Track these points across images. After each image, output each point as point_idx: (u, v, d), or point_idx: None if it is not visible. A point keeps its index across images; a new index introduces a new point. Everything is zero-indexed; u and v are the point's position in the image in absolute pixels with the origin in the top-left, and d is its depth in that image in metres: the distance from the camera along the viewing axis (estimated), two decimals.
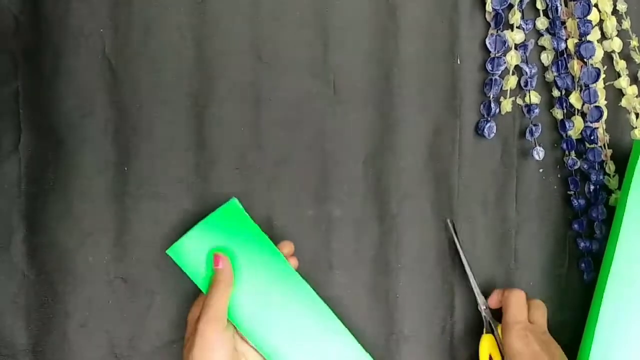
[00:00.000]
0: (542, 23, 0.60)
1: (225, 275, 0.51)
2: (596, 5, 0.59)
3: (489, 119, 0.60)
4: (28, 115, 0.55)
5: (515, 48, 0.59)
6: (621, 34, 0.60)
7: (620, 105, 0.61)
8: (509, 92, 0.60)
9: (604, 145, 0.61)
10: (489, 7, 0.59)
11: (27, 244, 0.55)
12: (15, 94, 0.55)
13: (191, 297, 0.57)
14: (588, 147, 0.60)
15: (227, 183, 0.57)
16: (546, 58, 0.60)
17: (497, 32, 0.59)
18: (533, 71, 0.60)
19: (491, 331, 0.59)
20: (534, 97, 0.60)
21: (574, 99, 0.60)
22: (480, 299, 0.59)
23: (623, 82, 0.60)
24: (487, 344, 0.58)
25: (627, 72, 0.61)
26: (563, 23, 0.59)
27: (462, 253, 0.59)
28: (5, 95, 0.55)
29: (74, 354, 0.56)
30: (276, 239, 0.54)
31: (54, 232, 0.55)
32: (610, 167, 0.61)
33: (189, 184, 0.57)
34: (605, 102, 0.60)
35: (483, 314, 0.59)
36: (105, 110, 0.56)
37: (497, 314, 0.59)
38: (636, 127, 0.61)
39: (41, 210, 0.55)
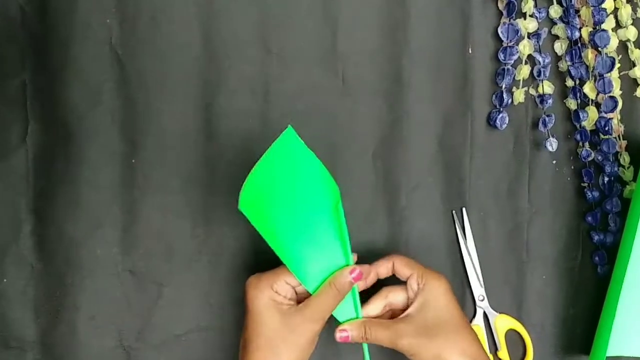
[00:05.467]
0: (555, 11, 0.59)
1: (348, 290, 0.50)
2: None
3: (501, 109, 0.59)
4: (35, 107, 0.55)
5: (528, 37, 0.59)
6: (636, 22, 0.59)
7: (636, 95, 0.60)
8: (521, 82, 0.59)
9: (619, 136, 0.60)
10: None
11: (36, 236, 0.55)
12: (22, 85, 0.55)
13: (198, 290, 0.57)
14: (602, 138, 0.59)
15: (234, 175, 0.57)
16: (560, 47, 0.60)
17: (509, 20, 0.58)
18: (546, 60, 0.59)
19: (486, 322, 0.59)
20: (547, 87, 0.59)
21: (588, 89, 0.59)
22: (478, 290, 0.59)
23: (638, 71, 0.60)
24: None
25: None
26: (577, 11, 0.58)
27: (462, 243, 0.59)
28: (13, 87, 0.55)
29: (83, 346, 0.56)
30: None
31: (62, 224, 0.56)
32: (625, 158, 0.60)
33: (197, 175, 0.56)
34: (620, 92, 0.59)
35: (478, 304, 0.59)
36: (113, 101, 0.56)
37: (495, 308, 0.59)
38: None
39: (49, 203, 0.55)
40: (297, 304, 0.50)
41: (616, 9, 0.59)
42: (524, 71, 0.59)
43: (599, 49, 0.57)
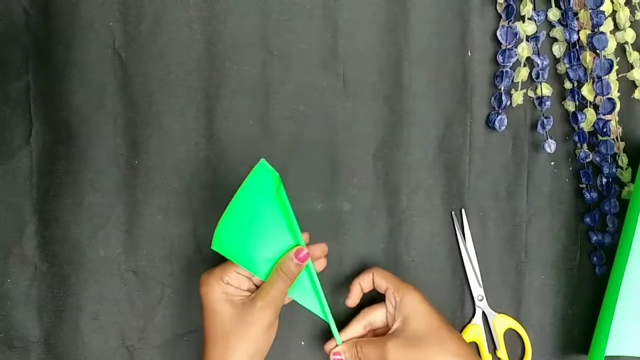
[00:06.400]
0: (553, 14, 0.59)
1: (298, 272, 0.50)
2: None
3: (500, 111, 0.59)
4: (39, 109, 0.55)
5: (527, 40, 0.59)
6: (634, 24, 0.60)
7: (633, 97, 0.61)
8: (520, 84, 0.60)
9: (617, 137, 0.60)
10: None
11: (39, 237, 0.56)
12: (26, 87, 0.55)
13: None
14: (600, 140, 0.60)
15: (236, 176, 0.57)
16: (558, 50, 0.60)
17: (508, 23, 0.58)
18: (545, 63, 0.59)
19: (485, 322, 0.60)
20: (546, 89, 0.60)
21: (586, 91, 0.59)
22: (477, 290, 0.59)
23: (636, 73, 0.60)
24: (472, 333, 0.60)
25: None
26: (575, 14, 0.59)
27: (461, 243, 0.59)
28: (17, 89, 0.55)
29: (86, 347, 0.56)
30: None
31: (65, 225, 0.56)
32: (623, 159, 0.60)
33: (199, 177, 0.57)
34: (618, 94, 0.60)
35: (477, 304, 0.59)
36: (116, 103, 0.56)
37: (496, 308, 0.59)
38: None
39: (53, 204, 0.56)
40: None
41: (614, 12, 0.59)
42: (523, 73, 0.59)
43: (597, 51, 0.57)
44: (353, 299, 0.54)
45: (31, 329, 0.56)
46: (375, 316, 0.53)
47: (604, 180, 0.60)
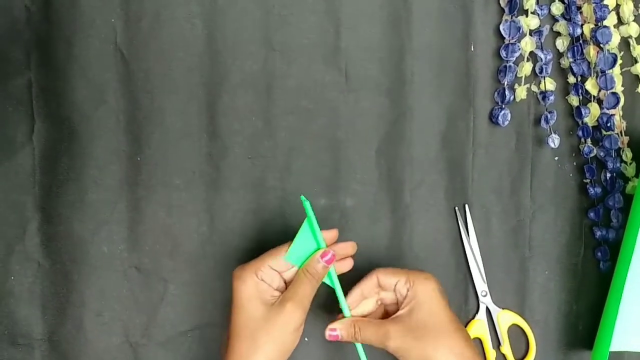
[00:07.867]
0: (557, 8, 0.59)
1: (324, 274, 0.50)
2: None
3: (503, 106, 0.59)
4: (41, 105, 0.55)
5: (530, 34, 0.59)
6: (638, 18, 0.59)
7: (637, 92, 0.60)
8: (523, 79, 0.59)
9: (621, 132, 0.60)
10: None
11: (42, 234, 0.56)
12: (28, 84, 0.55)
13: (203, 286, 0.57)
14: (604, 135, 0.59)
15: (239, 172, 0.57)
16: (561, 44, 0.60)
17: (511, 18, 0.58)
18: (548, 57, 0.59)
19: (489, 317, 0.60)
20: (549, 84, 0.59)
21: (590, 86, 0.59)
22: (481, 285, 0.59)
23: None
24: (476, 329, 0.60)
25: None
26: (579, 8, 0.58)
27: (465, 239, 0.59)
28: (18, 86, 0.55)
29: (90, 343, 0.56)
30: (288, 231, 0.54)
31: (68, 221, 0.56)
32: (627, 154, 0.60)
33: (202, 173, 0.57)
34: (622, 88, 0.59)
35: (481, 299, 0.59)
36: (118, 100, 0.56)
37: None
38: None
39: (55, 200, 0.56)
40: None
41: (618, 6, 0.59)
42: (526, 68, 0.59)
43: (601, 45, 0.57)
44: (351, 303, 0.52)
45: (35, 326, 0.56)
46: (386, 293, 0.52)
47: (608, 175, 0.60)
